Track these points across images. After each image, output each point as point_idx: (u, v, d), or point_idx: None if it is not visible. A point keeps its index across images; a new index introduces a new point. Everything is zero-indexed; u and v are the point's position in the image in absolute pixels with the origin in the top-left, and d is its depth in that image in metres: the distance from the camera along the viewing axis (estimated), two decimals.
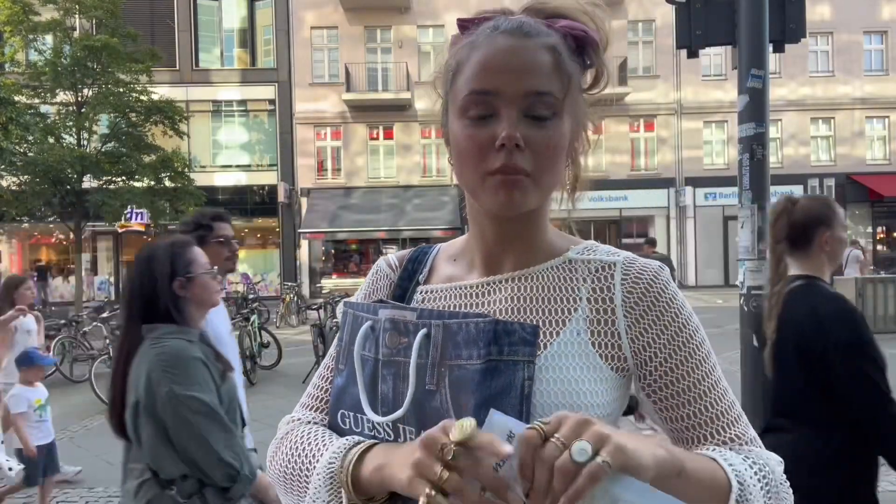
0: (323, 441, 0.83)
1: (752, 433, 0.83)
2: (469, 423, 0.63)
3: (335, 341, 0.94)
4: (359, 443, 0.79)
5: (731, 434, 0.80)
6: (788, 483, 0.79)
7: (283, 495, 0.87)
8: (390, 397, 0.79)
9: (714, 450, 0.78)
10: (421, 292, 0.93)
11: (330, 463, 0.78)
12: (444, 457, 0.62)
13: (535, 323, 0.80)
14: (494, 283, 0.87)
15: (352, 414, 0.83)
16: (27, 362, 4.61)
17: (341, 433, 0.84)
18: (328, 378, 0.95)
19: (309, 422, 0.92)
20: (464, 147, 0.79)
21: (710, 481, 0.71)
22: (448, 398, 0.74)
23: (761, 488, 0.75)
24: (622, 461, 0.58)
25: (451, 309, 0.88)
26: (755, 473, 0.75)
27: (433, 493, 0.62)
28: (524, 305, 0.84)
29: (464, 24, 0.86)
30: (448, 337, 0.76)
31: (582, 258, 0.86)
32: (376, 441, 0.79)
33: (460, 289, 0.90)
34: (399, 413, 0.76)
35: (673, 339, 0.81)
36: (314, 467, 0.80)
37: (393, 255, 1.02)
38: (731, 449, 0.79)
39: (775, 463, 0.80)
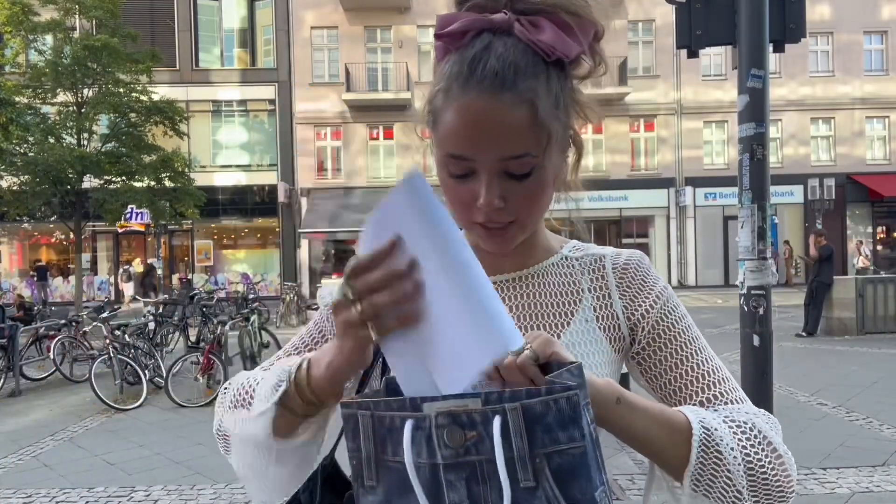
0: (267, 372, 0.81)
1: (740, 395, 0.83)
2: None
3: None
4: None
5: (713, 392, 0.82)
6: (787, 452, 0.75)
7: (228, 423, 0.83)
8: None
9: (684, 407, 0.76)
10: None
11: (278, 380, 0.75)
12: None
13: (544, 327, 0.88)
14: (500, 284, 0.90)
15: None
16: None
17: None
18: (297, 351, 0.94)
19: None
20: (448, 198, 0.82)
21: (662, 418, 0.70)
22: (555, 492, 0.61)
23: (738, 440, 0.72)
24: (549, 354, 0.63)
25: None
26: (729, 424, 0.73)
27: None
28: (534, 304, 0.90)
29: (444, 44, 0.79)
30: (534, 421, 0.61)
31: (575, 255, 0.94)
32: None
33: None
34: None
35: (658, 309, 0.89)
36: (258, 384, 0.78)
37: None
38: (709, 408, 0.79)
39: (763, 421, 0.75)
